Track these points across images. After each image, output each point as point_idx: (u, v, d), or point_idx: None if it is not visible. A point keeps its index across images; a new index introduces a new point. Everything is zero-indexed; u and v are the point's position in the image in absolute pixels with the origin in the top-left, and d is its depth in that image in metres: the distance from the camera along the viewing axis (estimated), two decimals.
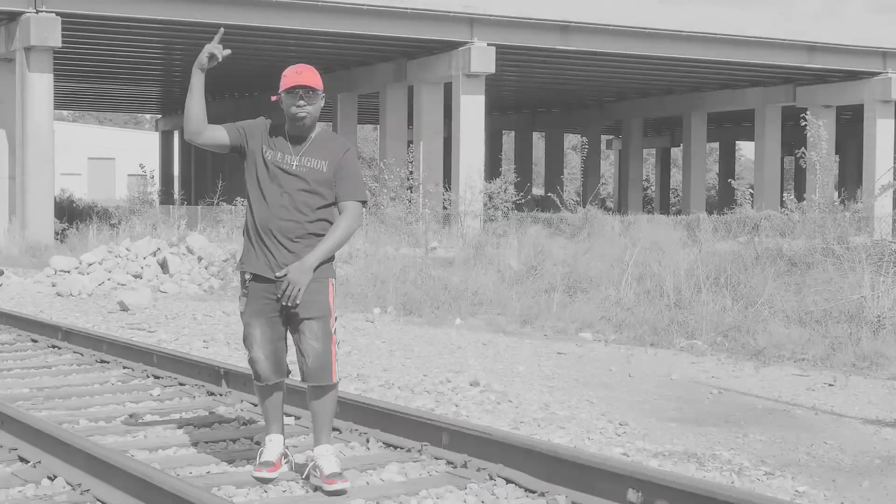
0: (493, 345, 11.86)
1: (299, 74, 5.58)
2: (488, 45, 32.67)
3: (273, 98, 5.76)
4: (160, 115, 63.43)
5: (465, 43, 32.66)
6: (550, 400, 8.66)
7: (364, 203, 5.74)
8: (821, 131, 19.30)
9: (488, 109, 35.51)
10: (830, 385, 9.55)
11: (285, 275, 5.43)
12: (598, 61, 37.08)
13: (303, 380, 5.60)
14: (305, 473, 5.54)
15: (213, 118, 5.47)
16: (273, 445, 5.64)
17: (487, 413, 7.90)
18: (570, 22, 33.46)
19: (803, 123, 20.62)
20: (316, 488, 5.45)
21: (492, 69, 32.62)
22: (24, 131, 29.17)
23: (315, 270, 5.47)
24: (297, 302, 5.43)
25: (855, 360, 10.49)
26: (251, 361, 5.66)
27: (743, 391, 9.34)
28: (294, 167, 5.54)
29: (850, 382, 9.65)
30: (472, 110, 32.80)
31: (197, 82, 5.62)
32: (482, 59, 32.46)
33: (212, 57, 5.62)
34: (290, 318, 5.54)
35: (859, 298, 12.14)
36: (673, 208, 52.60)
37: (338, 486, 5.25)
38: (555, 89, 48.10)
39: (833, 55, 37.60)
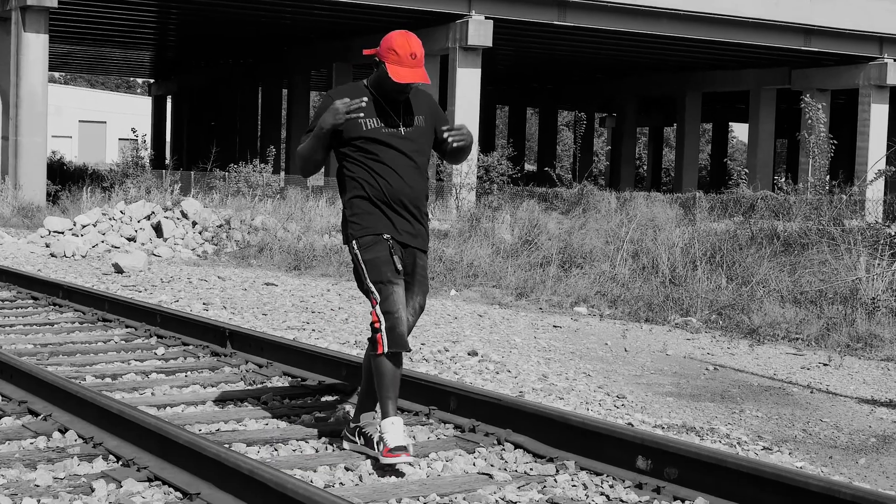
0: (489, 316, 11.92)
1: (414, 71, 5.30)
2: (486, 18, 32.61)
3: (367, 52, 5.53)
4: (153, 80, 63.14)
5: (463, 16, 32.59)
6: (548, 371, 8.73)
7: None
8: (819, 114, 19.36)
9: (484, 83, 35.43)
10: (825, 364, 9.64)
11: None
12: (594, 38, 37.03)
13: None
14: (361, 441, 5.45)
15: (207, 83, 5.40)
16: (396, 428, 5.18)
17: (488, 382, 7.97)
18: None
19: (802, 105, 20.65)
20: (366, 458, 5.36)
21: (489, 43, 32.57)
22: (18, 91, 29.05)
23: (427, 240, 5.51)
24: (458, 142, 5.41)
25: (849, 340, 10.57)
26: (395, 324, 5.22)
27: (738, 368, 9.42)
28: (402, 131, 5.38)
29: (845, 362, 9.74)
30: (468, 84, 32.76)
31: (320, 128, 5.30)
32: (479, 32, 32.40)
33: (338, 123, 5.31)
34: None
35: (854, 280, 12.22)
36: (664, 187, 52.58)
37: (399, 459, 5.09)
38: (550, 65, 48.05)
39: (829, 39, 37.61)
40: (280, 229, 19.71)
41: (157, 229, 19.59)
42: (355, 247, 5.34)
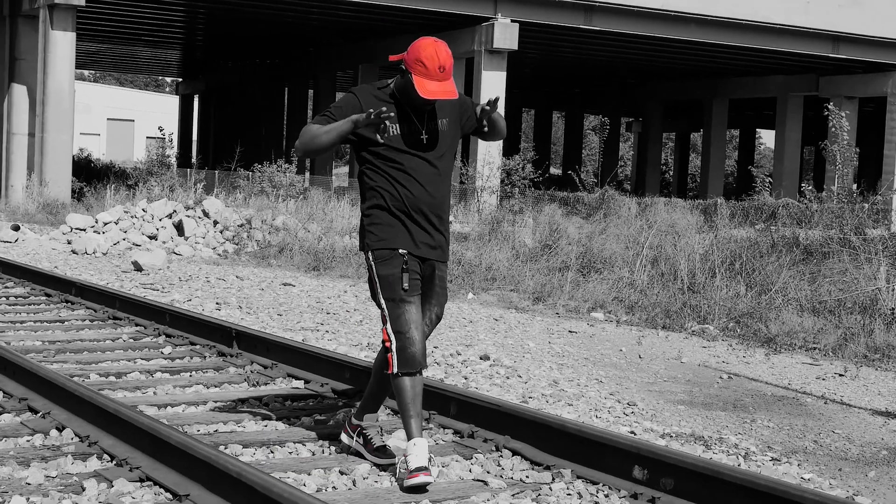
0: (505, 320, 11.86)
1: (442, 85, 5.05)
2: (512, 21, 32.55)
3: (392, 57, 5.26)
4: (180, 79, 63.40)
5: (489, 18, 32.53)
6: (559, 377, 8.66)
7: None
8: (842, 122, 19.19)
9: (509, 86, 35.36)
10: (841, 375, 9.52)
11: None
12: (620, 42, 36.91)
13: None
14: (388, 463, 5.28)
15: (234, 82, 5.35)
16: (420, 450, 4.95)
17: (496, 387, 7.91)
18: (595, 2, 33.30)
19: (826, 113, 20.49)
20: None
21: (514, 46, 32.51)
22: (45, 88, 29.20)
23: (448, 252, 5.37)
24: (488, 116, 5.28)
25: (867, 351, 10.45)
26: (406, 345, 5.04)
27: (753, 377, 9.32)
28: (425, 138, 5.18)
29: (861, 373, 9.62)
30: (493, 86, 32.68)
31: (344, 130, 5.12)
32: (505, 35, 32.34)
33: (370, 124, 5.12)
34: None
35: (874, 290, 12.09)
36: (690, 193, 52.38)
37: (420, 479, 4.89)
38: (576, 69, 47.94)
39: (858, 46, 37.35)
40: (301, 230, 19.72)
41: (179, 228, 19.64)
42: (371, 258, 5.20)
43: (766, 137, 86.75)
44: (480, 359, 9.12)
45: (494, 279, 15.12)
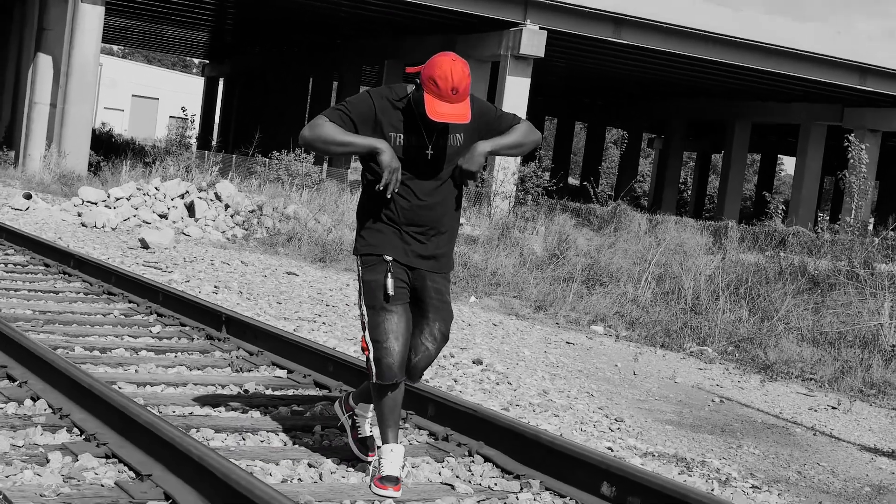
0: (504, 326, 11.81)
1: (453, 108, 4.80)
2: (540, 28, 32.48)
3: (409, 70, 5.02)
4: (207, 61, 63.51)
5: (518, 24, 32.47)
6: (550, 387, 8.61)
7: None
8: (861, 154, 19.05)
9: (533, 93, 35.31)
10: (834, 408, 9.45)
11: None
12: (647, 58, 36.80)
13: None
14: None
15: (260, 69, 5.18)
16: (395, 457, 4.90)
17: (485, 392, 7.86)
18: (625, 15, 33.21)
19: (846, 144, 20.37)
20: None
21: (541, 53, 32.43)
22: (70, 60, 29.25)
23: (450, 263, 5.12)
24: (472, 169, 4.99)
25: (863, 386, 10.37)
26: (382, 355, 4.89)
27: (745, 403, 9.26)
28: (429, 154, 4.98)
29: (855, 408, 9.54)
30: (516, 92, 32.63)
31: (359, 150, 4.96)
32: (532, 41, 32.27)
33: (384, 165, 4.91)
34: (412, 307, 5.06)
35: (876, 325, 12.00)
36: (706, 214, 52.23)
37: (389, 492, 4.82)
38: (601, 81, 47.84)
39: (885, 80, 37.17)
40: (311, 220, 19.69)
41: (190, 209, 19.62)
42: (358, 262, 5.09)
43: (788, 164, 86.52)
44: (473, 363, 9.07)
45: (498, 284, 15.07)
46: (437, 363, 8.70)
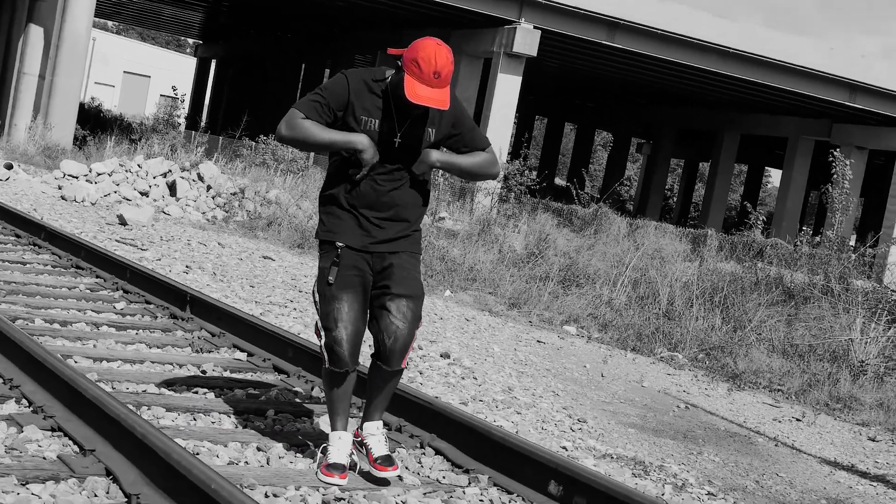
0: (476, 322, 11.78)
1: (433, 92, 4.68)
2: (534, 27, 32.45)
3: (392, 51, 4.90)
4: (201, 42, 63.30)
5: (512, 22, 32.43)
6: (516, 384, 8.59)
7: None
8: (845, 169, 19.11)
9: (524, 92, 35.28)
10: (798, 420, 9.46)
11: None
12: (639, 63, 36.79)
13: (376, 357, 4.96)
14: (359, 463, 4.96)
15: (253, 52, 5.07)
16: (343, 444, 4.87)
17: (448, 386, 7.84)
18: (620, 19, 33.19)
19: (830, 159, 20.43)
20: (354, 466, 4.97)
21: (534, 52, 32.39)
22: (61, 32, 29.09)
23: (414, 244, 4.98)
24: (418, 173, 4.87)
25: (829, 399, 10.38)
26: (331, 343, 4.83)
27: (710, 410, 9.25)
28: (398, 142, 4.87)
29: (819, 421, 9.55)
30: (507, 90, 32.59)
31: (341, 143, 4.85)
32: (526, 40, 32.23)
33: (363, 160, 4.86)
34: (377, 291, 4.92)
35: (847, 341, 12.02)
36: (691, 222, 52.30)
37: (389, 473, 4.72)
38: (593, 83, 47.82)
39: (874, 98, 37.22)
40: (293, 206, 19.63)
41: (172, 188, 19.54)
42: (318, 247, 5.04)
43: (775, 176, 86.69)
44: (441, 356, 9.05)
45: (475, 280, 15.04)
46: (411, 351, 8.65)
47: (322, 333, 4.91)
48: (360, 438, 4.96)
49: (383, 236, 4.94)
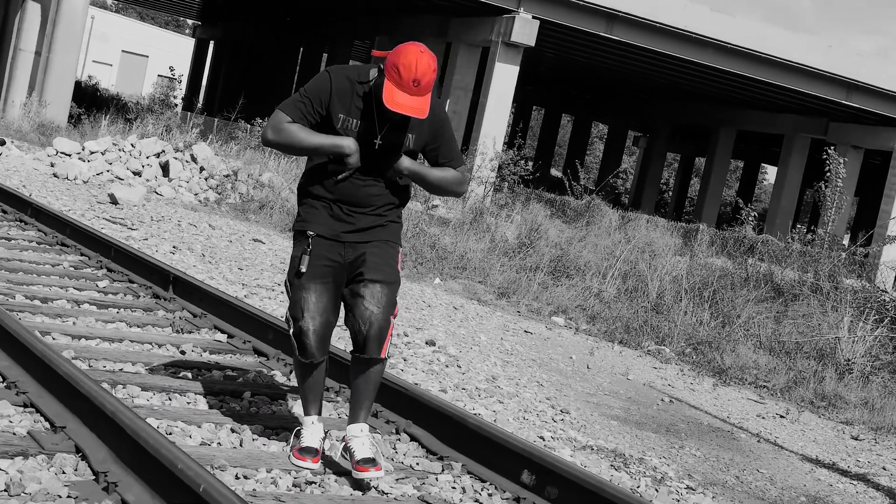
0: (464, 310, 11.75)
1: (412, 101, 4.60)
2: (533, 17, 32.36)
3: (377, 53, 4.84)
4: (199, 23, 63.11)
5: (511, 11, 32.34)
6: (500, 374, 8.56)
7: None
8: (839, 168, 19.07)
9: (522, 82, 35.19)
10: (782, 417, 9.45)
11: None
12: (637, 56, 36.70)
13: (354, 350, 4.86)
14: (337, 452, 4.86)
15: (251, 35, 4.97)
16: (315, 430, 4.84)
17: (432, 374, 7.81)
18: (619, 11, 33.10)
19: (824, 157, 20.39)
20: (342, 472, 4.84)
21: (532, 42, 32.31)
22: (58, 8, 28.99)
23: (391, 234, 4.91)
24: (398, 176, 4.82)
25: (814, 397, 10.37)
26: (298, 334, 4.79)
27: (694, 405, 9.24)
28: (377, 143, 4.80)
29: (802, 418, 9.54)
30: (504, 79, 32.51)
31: (328, 148, 4.78)
32: (524, 30, 32.14)
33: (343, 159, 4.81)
34: (351, 281, 4.85)
35: (834, 339, 12.01)
36: (685, 217, 52.25)
37: (370, 474, 4.61)
38: (590, 75, 47.73)
39: (870, 97, 37.15)
40: (286, 189, 19.58)
41: (165, 168, 19.48)
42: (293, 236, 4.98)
43: (771, 173, 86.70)
44: (426, 343, 9.01)
45: (465, 268, 15.01)
46: (390, 341, 8.60)
47: (291, 322, 4.86)
48: (345, 443, 4.81)
49: (356, 226, 4.88)
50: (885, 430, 9.55)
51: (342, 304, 4.94)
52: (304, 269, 4.81)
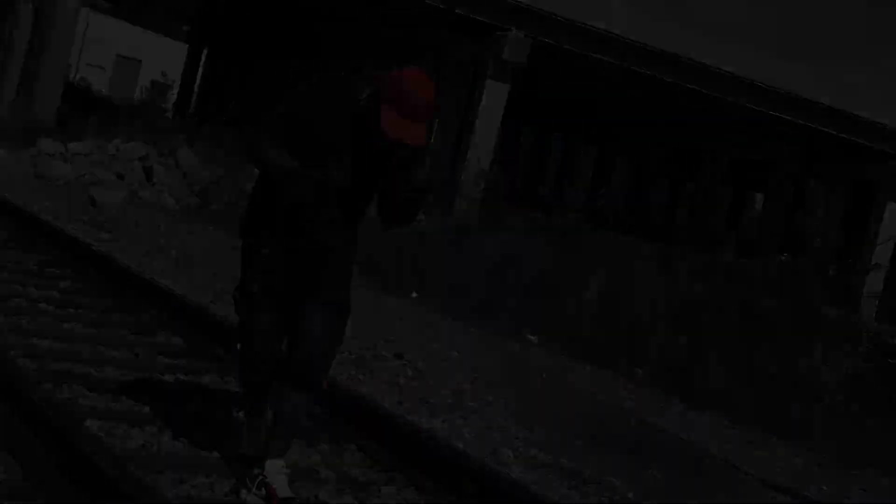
0: (437, 326, 11.68)
1: (415, 127, 4.37)
2: (525, 36, 32.33)
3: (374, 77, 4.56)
4: (193, 28, 63.03)
5: (504, 29, 32.32)
6: (467, 389, 8.49)
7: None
8: (820, 199, 19.13)
9: (512, 101, 35.13)
10: (750, 442, 9.39)
11: None
12: (631, 80, 36.73)
13: (289, 370, 4.53)
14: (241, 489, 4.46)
15: (245, 43, 4.89)
16: (282, 477, 4.50)
17: (396, 386, 7.74)
18: (613, 34, 33.13)
19: (809, 187, 20.46)
20: None
21: (523, 60, 32.30)
22: (52, 9, 28.92)
23: (347, 244, 4.65)
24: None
25: (783, 424, 10.32)
26: (249, 358, 4.61)
27: (662, 428, 9.17)
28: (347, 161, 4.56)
29: (771, 444, 9.48)
30: (494, 97, 32.46)
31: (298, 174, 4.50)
32: (516, 49, 32.12)
33: None
34: (299, 294, 4.55)
35: (809, 368, 11.98)
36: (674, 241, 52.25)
37: None
38: (582, 97, 47.78)
39: (858, 127, 37.14)
40: None
41: (148, 173, 19.44)
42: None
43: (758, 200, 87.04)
44: (394, 356, 8.94)
45: (442, 283, 14.93)
46: (357, 353, 8.49)
47: (240, 338, 4.69)
48: (262, 477, 4.43)
49: (312, 235, 4.63)
50: (851, 459, 9.51)
51: None
52: (255, 283, 4.67)
